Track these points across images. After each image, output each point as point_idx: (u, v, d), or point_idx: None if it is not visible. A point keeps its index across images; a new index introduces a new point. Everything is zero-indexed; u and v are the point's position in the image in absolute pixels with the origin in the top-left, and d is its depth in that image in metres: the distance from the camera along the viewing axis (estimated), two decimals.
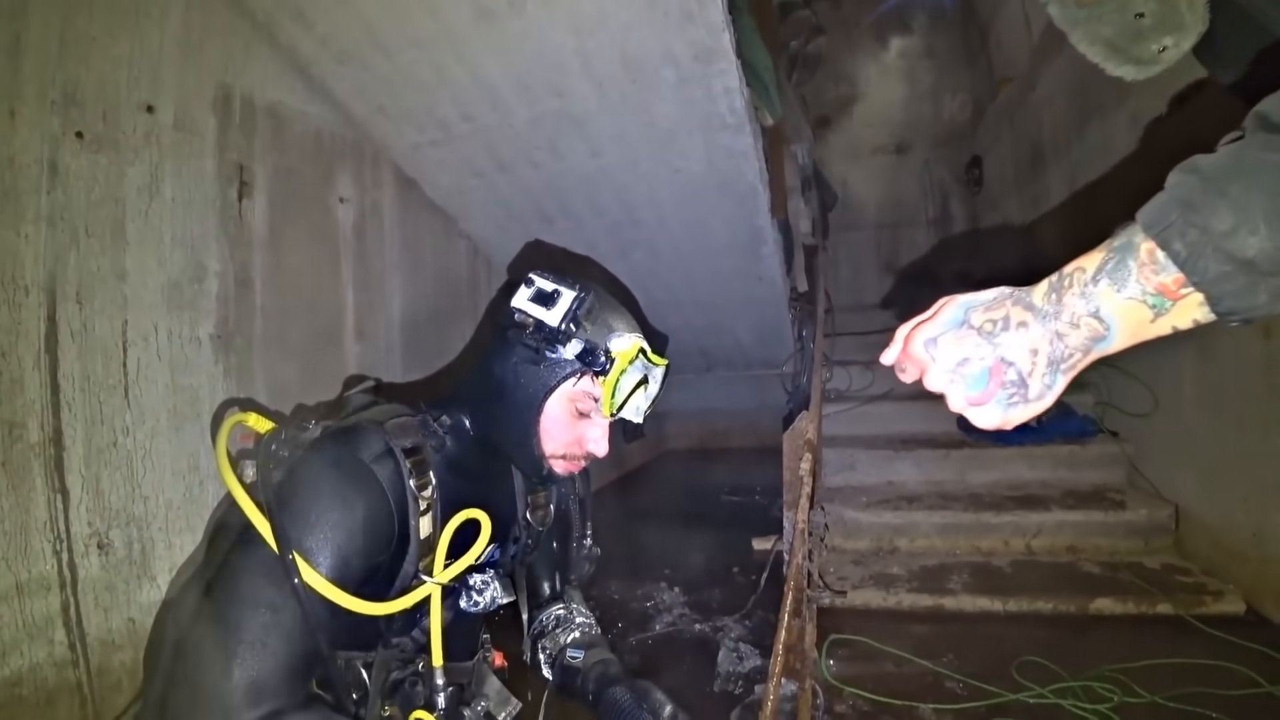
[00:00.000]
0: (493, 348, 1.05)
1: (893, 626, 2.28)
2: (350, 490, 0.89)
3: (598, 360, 0.98)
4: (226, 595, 0.82)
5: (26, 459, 1.55)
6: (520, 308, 1.00)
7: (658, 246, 3.01)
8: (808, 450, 1.76)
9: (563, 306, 0.97)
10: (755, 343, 3.70)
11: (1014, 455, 3.17)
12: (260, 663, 0.78)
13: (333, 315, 2.36)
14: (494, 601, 1.06)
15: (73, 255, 1.66)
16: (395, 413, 1.04)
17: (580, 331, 0.97)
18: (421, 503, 0.97)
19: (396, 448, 0.96)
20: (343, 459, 0.91)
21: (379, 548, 0.92)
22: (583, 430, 1.04)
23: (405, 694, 0.99)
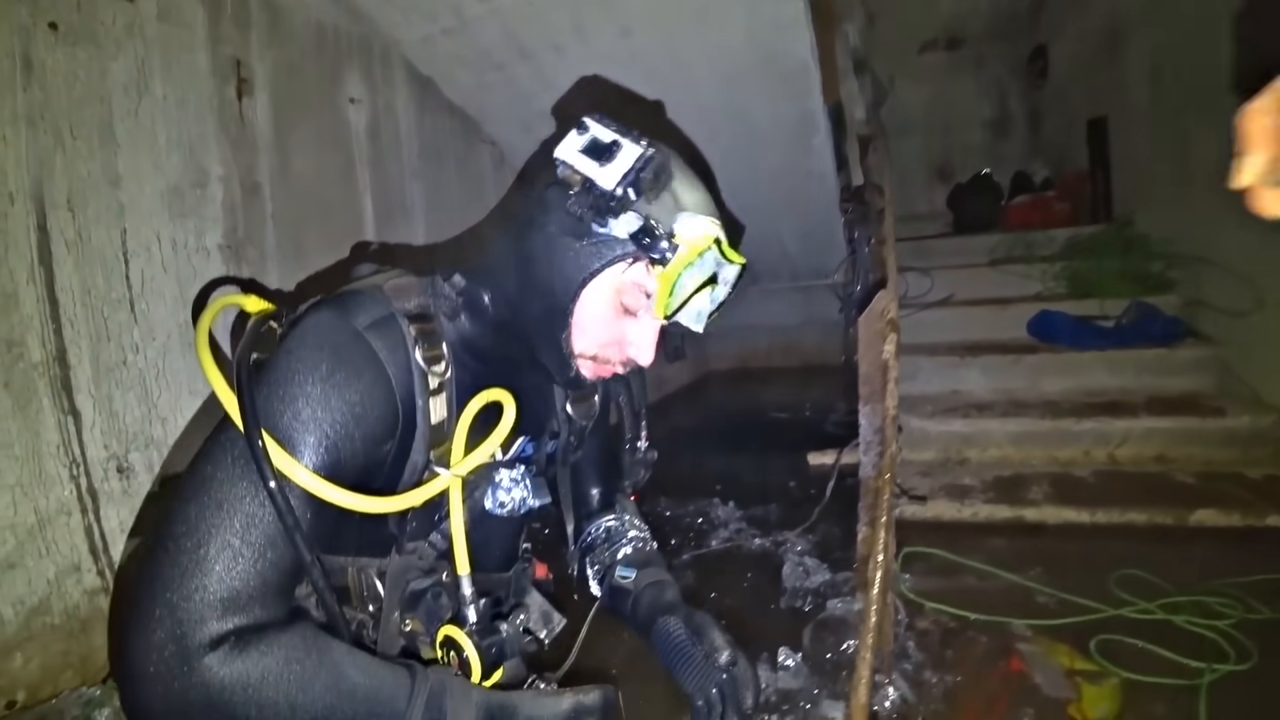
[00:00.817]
0: (525, 210, 0.83)
1: (969, 539, 2.10)
2: (339, 363, 0.72)
3: (658, 245, 0.75)
4: (193, 490, 0.66)
5: (30, 379, 1.44)
6: (566, 159, 0.75)
7: (695, 140, 2.72)
8: (891, 330, 1.54)
9: (623, 164, 0.74)
10: (803, 250, 3.43)
11: (1092, 360, 2.91)
12: (231, 570, 0.63)
13: (351, 224, 2.19)
14: (523, 504, 0.89)
15: (59, 158, 1.51)
16: (396, 274, 0.85)
17: (640, 202, 0.75)
18: (431, 379, 0.79)
19: (399, 313, 0.78)
20: (331, 326, 0.73)
21: (379, 434, 0.75)
22: (625, 330, 0.82)
23: (428, 606, 0.84)
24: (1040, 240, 3.82)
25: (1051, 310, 3.14)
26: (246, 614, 0.63)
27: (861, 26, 3.24)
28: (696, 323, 0.83)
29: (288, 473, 0.65)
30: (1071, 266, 3.46)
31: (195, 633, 0.60)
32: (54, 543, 1.48)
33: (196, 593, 0.61)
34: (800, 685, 1.45)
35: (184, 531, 0.63)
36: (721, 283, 0.82)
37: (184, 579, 0.61)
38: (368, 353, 0.74)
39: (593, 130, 0.76)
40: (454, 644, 0.80)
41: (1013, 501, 2.23)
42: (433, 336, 0.80)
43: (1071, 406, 2.70)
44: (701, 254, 0.76)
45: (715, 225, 0.79)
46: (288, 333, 0.74)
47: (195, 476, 0.67)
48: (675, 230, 0.76)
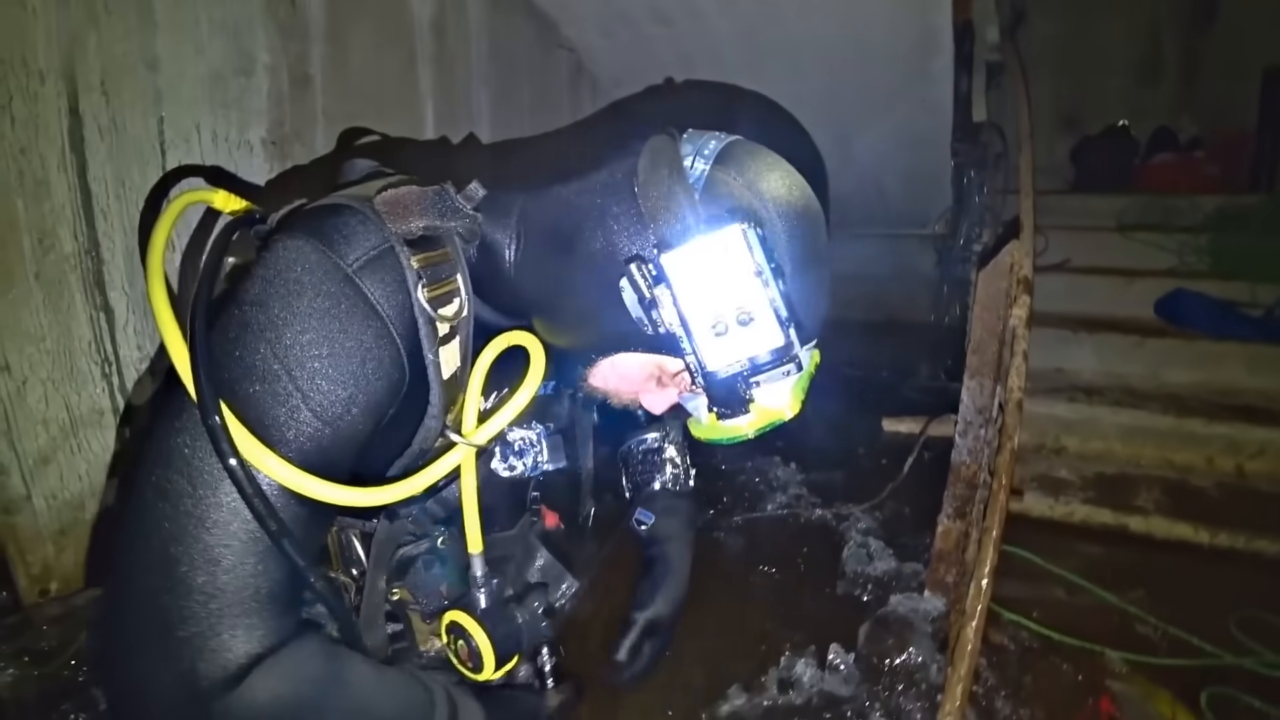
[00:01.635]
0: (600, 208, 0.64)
1: (1058, 542, 1.86)
2: (326, 320, 0.56)
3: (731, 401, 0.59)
4: (155, 494, 0.52)
5: (61, 271, 1.37)
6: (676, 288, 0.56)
7: (801, 56, 2.37)
8: (1023, 291, 1.29)
9: (741, 353, 0.57)
10: (903, 193, 3.06)
11: (1232, 353, 2.49)
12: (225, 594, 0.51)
13: (409, 127, 2.03)
14: (537, 467, 0.80)
15: (92, 37, 1.38)
16: (394, 182, 0.66)
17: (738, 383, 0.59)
18: (440, 325, 0.63)
19: (397, 242, 0.60)
20: (311, 266, 0.57)
21: (380, 400, 0.60)
22: (648, 389, 0.69)
23: (419, 576, 0.75)
24: (1182, 207, 3.33)
25: (1188, 290, 2.72)
26: (255, 639, 0.52)
27: None
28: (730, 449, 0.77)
29: (261, 466, 0.51)
30: (1219, 241, 3.01)
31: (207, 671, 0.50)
32: (86, 440, 1.45)
33: (195, 626, 0.50)
34: (851, 692, 1.29)
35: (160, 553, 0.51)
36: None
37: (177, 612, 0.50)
38: (360, 301, 0.57)
39: (731, 269, 0.55)
40: (463, 630, 0.69)
41: (1116, 506, 1.95)
42: (442, 266, 0.63)
43: (1199, 404, 2.34)
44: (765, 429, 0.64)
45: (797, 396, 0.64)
46: (255, 259, 0.58)
47: (149, 475, 0.53)
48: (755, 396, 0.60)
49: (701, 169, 0.61)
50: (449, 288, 0.64)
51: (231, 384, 0.53)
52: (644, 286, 0.57)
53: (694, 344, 0.56)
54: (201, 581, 0.50)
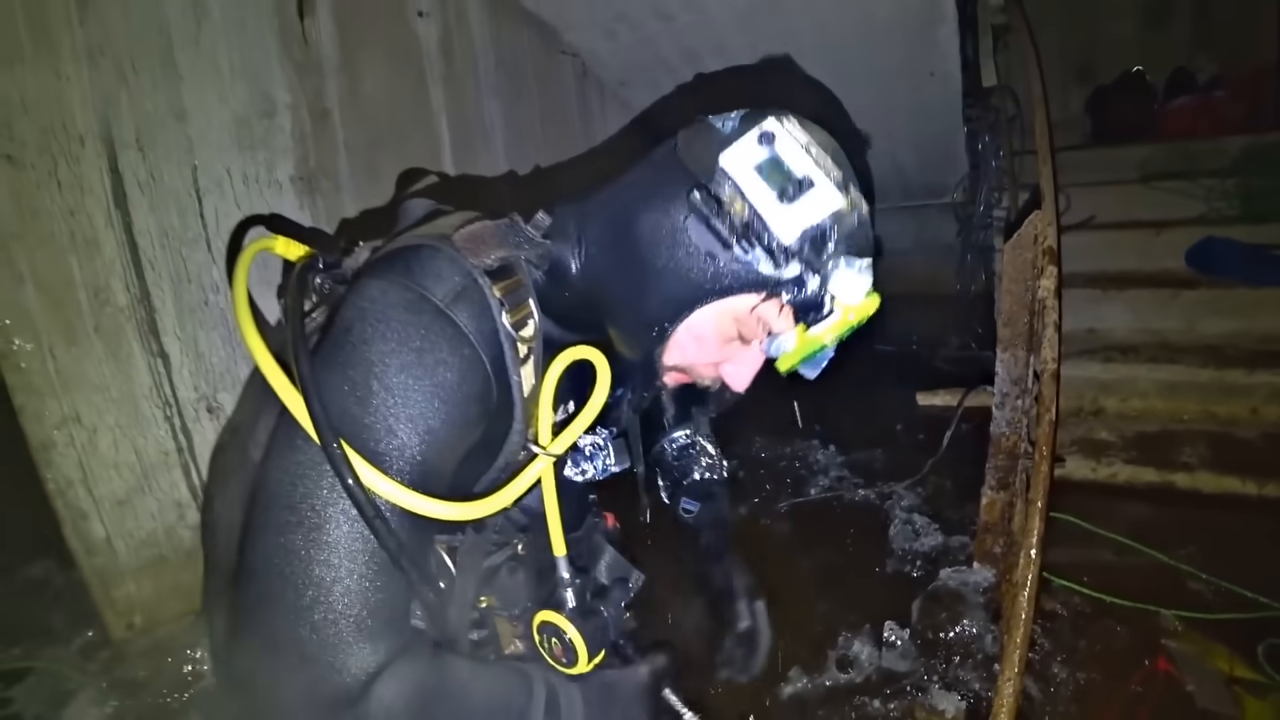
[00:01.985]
0: (650, 184, 0.68)
1: (1105, 504, 1.86)
2: (423, 351, 0.59)
3: (813, 303, 0.63)
4: (283, 522, 0.57)
5: (117, 323, 1.45)
6: (735, 175, 0.61)
7: (803, 39, 2.37)
8: (1049, 262, 1.30)
9: (811, 213, 0.60)
10: (917, 164, 3.03)
11: (1271, 299, 2.43)
12: (354, 605, 0.55)
13: (427, 148, 2.07)
14: (605, 470, 0.83)
15: (123, 95, 1.45)
16: (465, 220, 0.70)
17: (814, 256, 0.61)
18: (521, 347, 0.67)
19: (478, 272, 0.64)
20: (405, 304, 0.61)
21: (472, 421, 0.64)
22: (728, 356, 0.70)
23: (503, 583, 0.78)
24: (1206, 151, 3.23)
25: (1218, 237, 2.65)
26: (376, 653, 0.56)
27: None
28: (812, 369, 0.70)
29: (379, 491, 0.55)
30: (1247, 183, 2.91)
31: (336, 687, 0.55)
32: (155, 480, 1.53)
33: (323, 645, 0.55)
34: (909, 667, 1.33)
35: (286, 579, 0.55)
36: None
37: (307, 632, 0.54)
38: (454, 334, 0.61)
39: (781, 147, 0.61)
40: (555, 629, 0.74)
41: (1160, 464, 1.94)
42: (518, 291, 0.67)
43: (1239, 354, 2.30)
44: (856, 326, 0.65)
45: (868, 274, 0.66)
46: (347, 300, 0.63)
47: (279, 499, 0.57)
48: (839, 294, 0.63)
49: (734, 124, 0.66)
50: (524, 312, 0.67)
51: (343, 416, 0.56)
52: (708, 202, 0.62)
53: (767, 224, 0.60)
54: (326, 603, 0.54)
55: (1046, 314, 1.29)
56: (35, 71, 1.34)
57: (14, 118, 1.32)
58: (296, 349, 0.58)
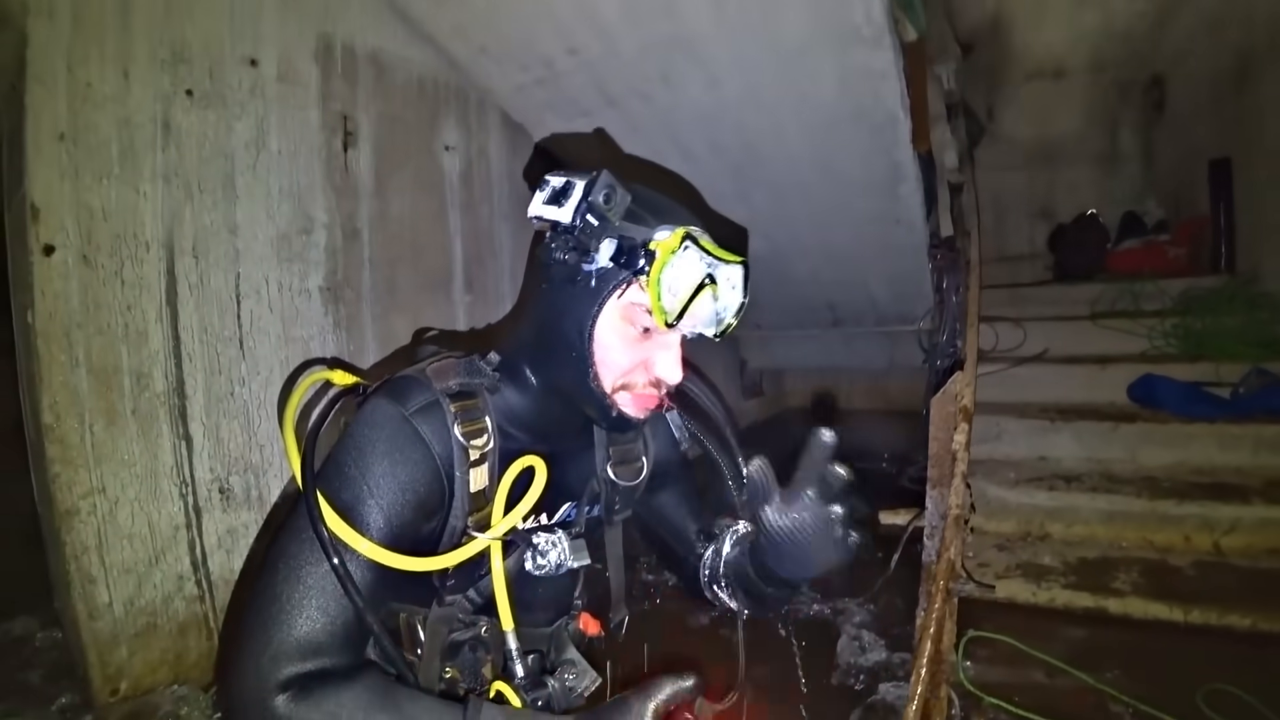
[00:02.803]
0: (529, 277, 0.92)
1: (1043, 627, 1.97)
2: (393, 448, 0.82)
3: (635, 258, 0.80)
4: (274, 561, 0.79)
5: (153, 407, 1.62)
6: (536, 214, 0.84)
7: (783, 188, 2.71)
8: (963, 419, 1.49)
9: (576, 195, 0.81)
10: (890, 296, 3.32)
11: (1202, 433, 2.65)
12: (304, 628, 0.75)
13: (441, 265, 2.32)
14: (560, 565, 0.93)
15: (188, 210, 1.69)
16: (440, 358, 0.93)
17: (607, 226, 0.81)
18: (472, 452, 0.86)
19: (441, 396, 0.85)
20: (385, 414, 0.84)
21: (428, 503, 0.84)
22: (647, 351, 0.87)
23: (466, 658, 0.92)
24: (1150, 291, 3.54)
25: (1157, 374, 2.89)
26: (316, 661, 0.74)
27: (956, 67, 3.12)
28: (709, 326, 0.87)
29: (349, 542, 0.76)
30: (1184, 324, 3.18)
31: (270, 677, 0.72)
32: (162, 553, 1.65)
33: (274, 644, 0.73)
34: None
35: (267, 597, 0.76)
36: (722, 281, 0.85)
37: (265, 634, 0.74)
38: (414, 435, 0.83)
39: (550, 183, 0.85)
40: (504, 699, 0.87)
41: (1095, 589, 2.07)
42: (473, 411, 0.87)
43: (1174, 485, 2.48)
44: (675, 251, 0.80)
45: (685, 227, 0.83)
46: (358, 411, 0.85)
47: (276, 546, 0.79)
48: (652, 241, 0.81)
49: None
50: (479, 426, 0.87)
51: (333, 490, 0.79)
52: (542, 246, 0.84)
53: (560, 224, 0.80)
54: (295, 613, 0.74)
55: (957, 464, 1.47)
56: (119, 187, 1.58)
57: (95, 225, 1.55)
58: (305, 453, 0.82)
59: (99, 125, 1.55)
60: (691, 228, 0.83)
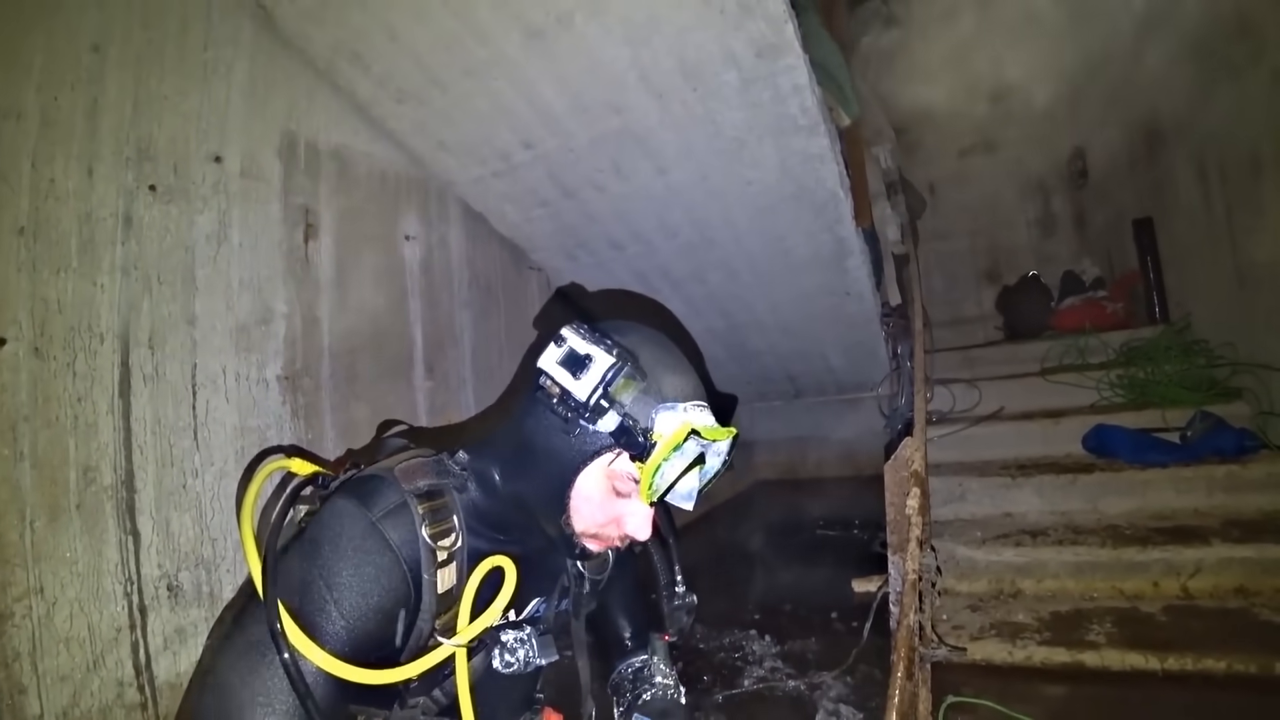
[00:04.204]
0: (522, 403, 0.92)
1: (1021, 687, 1.94)
2: (357, 555, 0.80)
3: (635, 441, 0.82)
4: (228, 654, 0.76)
5: (99, 501, 1.57)
6: (547, 370, 0.85)
7: (735, 266, 2.85)
8: (915, 484, 1.52)
9: (594, 376, 0.82)
10: (846, 365, 3.44)
11: (1157, 479, 2.72)
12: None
13: (401, 353, 2.35)
14: (528, 663, 0.93)
15: (145, 302, 1.70)
16: (407, 457, 0.93)
17: (616, 405, 0.82)
18: (440, 553, 0.85)
19: (410, 497, 0.85)
20: (350, 517, 0.83)
21: (390, 609, 0.82)
22: (620, 510, 0.88)
23: None
24: (1094, 345, 3.71)
25: (1108, 424, 2.99)
26: None
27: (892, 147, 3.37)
28: (686, 501, 0.88)
29: (307, 654, 0.73)
30: (1128, 374, 3.32)
31: None
32: (102, 658, 1.56)
33: None
34: None
35: (216, 699, 0.73)
36: (711, 456, 0.87)
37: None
38: (380, 541, 0.82)
39: (569, 342, 0.85)
40: None
41: (1070, 644, 2.06)
42: (441, 511, 0.87)
43: (1136, 532, 2.52)
44: (677, 447, 0.80)
45: (692, 416, 0.83)
46: (320, 511, 0.84)
47: (229, 647, 0.77)
48: (653, 425, 0.81)
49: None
50: (446, 526, 0.87)
51: (291, 595, 0.76)
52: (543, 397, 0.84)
53: (570, 394, 0.81)
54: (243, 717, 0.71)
55: (911, 529, 1.49)
56: (76, 280, 1.59)
57: (49, 316, 1.54)
58: (265, 551, 0.79)
59: (60, 219, 1.57)
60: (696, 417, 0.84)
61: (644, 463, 0.81)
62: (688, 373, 0.89)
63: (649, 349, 0.87)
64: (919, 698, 1.52)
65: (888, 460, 1.81)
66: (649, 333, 0.91)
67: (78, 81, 1.63)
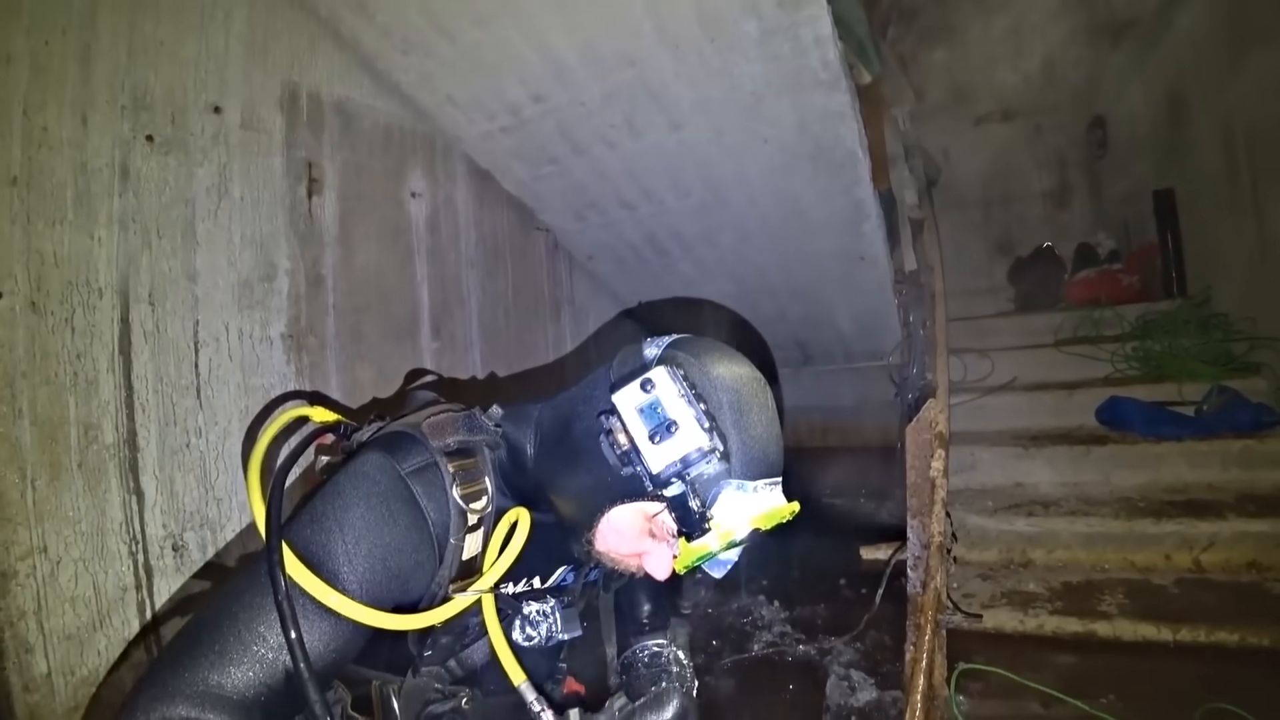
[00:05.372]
0: (586, 399, 0.83)
1: (1033, 655, 1.94)
2: (381, 506, 0.75)
3: (690, 519, 0.72)
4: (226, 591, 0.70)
5: (102, 460, 1.54)
6: (622, 415, 0.74)
7: (748, 228, 2.77)
8: (939, 446, 1.48)
9: (674, 452, 0.71)
10: (857, 332, 3.37)
11: (1171, 452, 2.69)
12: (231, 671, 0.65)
13: (408, 313, 2.30)
14: (551, 636, 0.89)
15: (145, 257, 1.65)
16: (435, 411, 0.86)
17: (685, 482, 0.72)
18: (471, 516, 0.80)
19: (439, 455, 0.80)
20: (378, 467, 0.77)
21: (410, 570, 0.77)
22: (647, 548, 0.80)
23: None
24: (1109, 318, 3.65)
25: (1122, 396, 2.95)
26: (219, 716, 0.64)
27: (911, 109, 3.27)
28: (718, 570, 0.80)
29: (314, 592, 0.67)
30: (1143, 347, 3.27)
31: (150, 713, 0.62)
32: (108, 616, 1.54)
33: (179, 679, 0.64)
34: None
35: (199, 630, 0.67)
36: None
37: (175, 664, 0.65)
38: (408, 496, 0.77)
39: (658, 393, 0.72)
40: None
41: (1083, 613, 2.05)
42: (473, 471, 0.82)
43: (1149, 505, 2.50)
44: (730, 544, 0.72)
45: (767, 493, 0.74)
46: (347, 462, 0.79)
47: (230, 584, 0.71)
48: (713, 504, 0.71)
49: (654, 353, 0.81)
50: (478, 487, 0.82)
51: (303, 538, 0.71)
52: (606, 426, 0.75)
53: (641, 455, 0.71)
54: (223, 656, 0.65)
55: (936, 491, 1.46)
56: (72, 232, 1.54)
57: (45, 270, 1.49)
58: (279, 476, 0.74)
59: (54, 169, 1.51)
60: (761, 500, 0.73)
61: (689, 540, 0.72)
62: (774, 441, 0.77)
63: (746, 415, 0.75)
64: (935, 664, 1.50)
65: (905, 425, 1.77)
66: (750, 385, 0.78)
67: (69, 25, 1.55)
